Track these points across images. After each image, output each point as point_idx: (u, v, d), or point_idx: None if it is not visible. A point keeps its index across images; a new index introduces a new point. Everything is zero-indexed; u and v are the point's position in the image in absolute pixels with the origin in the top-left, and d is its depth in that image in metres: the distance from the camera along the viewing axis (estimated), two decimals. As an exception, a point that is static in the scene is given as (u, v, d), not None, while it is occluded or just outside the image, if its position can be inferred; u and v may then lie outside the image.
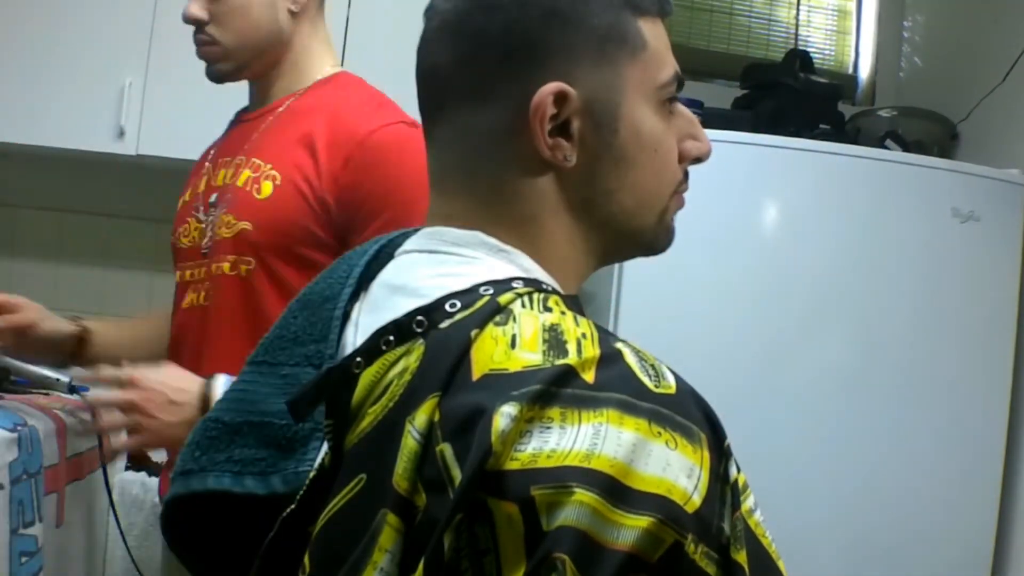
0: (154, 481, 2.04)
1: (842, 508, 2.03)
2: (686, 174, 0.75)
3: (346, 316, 0.71)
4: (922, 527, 2.04)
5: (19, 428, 1.46)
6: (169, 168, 2.64)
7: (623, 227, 0.72)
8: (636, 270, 1.96)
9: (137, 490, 2.03)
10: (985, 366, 2.10)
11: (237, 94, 2.62)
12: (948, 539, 2.05)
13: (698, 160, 0.75)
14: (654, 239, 0.74)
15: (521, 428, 0.52)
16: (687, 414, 0.55)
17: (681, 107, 0.74)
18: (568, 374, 0.55)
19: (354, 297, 0.72)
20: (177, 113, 2.41)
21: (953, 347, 2.08)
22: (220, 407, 0.75)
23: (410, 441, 0.55)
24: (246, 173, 1.29)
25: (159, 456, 2.33)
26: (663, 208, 0.73)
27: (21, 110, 2.41)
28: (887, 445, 2.04)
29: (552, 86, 0.66)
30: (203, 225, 1.33)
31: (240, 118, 1.44)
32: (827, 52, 3.04)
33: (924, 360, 2.07)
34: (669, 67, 0.72)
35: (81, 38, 2.43)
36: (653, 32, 0.71)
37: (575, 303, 0.66)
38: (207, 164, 1.41)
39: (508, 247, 0.68)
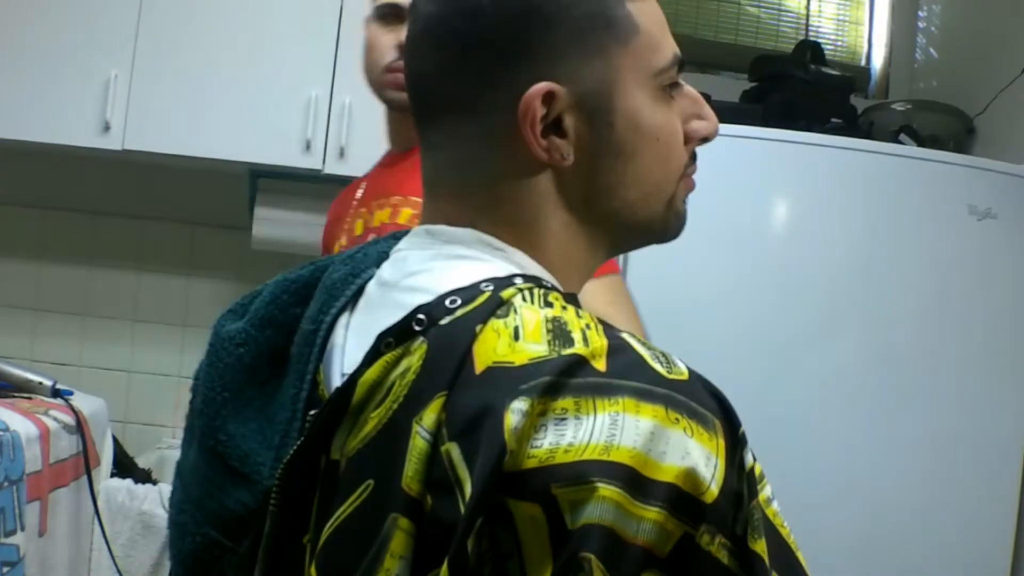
0: (140, 488, 2.01)
1: (854, 513, 2.00)
2: (694, 155, 0.74)
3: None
4: (937, 533, 2.01)
5: (0, 433, 1.43)
6: (156, 163, 2.60)
7: (629, 220, 0.70)
8: (640, 268, 1.92)
9: (123, 497, 2.01)
10: (1003, 367, 2.06)
11: (225, 89, 2.56)
12: (964, 545, 2.01)
13: (705, 140, 0.73)
14: (664, 227, 0.73)
15: (534, 422, 0.51)
16: (701, 401, 0.54)
17: (686, 87, 0.72)
18: (578, 363, 0.54)
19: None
20: (164, 107, 2.37)
21: (969, 347, 2.05)
22: None
23: (419, 442, 0.54)
24: (407, 211, 1.31)
25: (145, 463, 2.29)
26: (671, 195, 0.72)
27: (2, 103, 2.35)
28: (900, 447, 2.01)
29: (538, 88, 0.64)
30: None
31: (388, 159, 1.48)
32: (839, 43, 3.02)
33: (939, 360, 2.04)
34: (666, 50, 0.70)
35: (65, 29, 2.37)
36: (645, 12, 0.69)
37: (573, 300, 0.64)
38: (358, 208, 1.44)
39: (505, 245, 0.67)
